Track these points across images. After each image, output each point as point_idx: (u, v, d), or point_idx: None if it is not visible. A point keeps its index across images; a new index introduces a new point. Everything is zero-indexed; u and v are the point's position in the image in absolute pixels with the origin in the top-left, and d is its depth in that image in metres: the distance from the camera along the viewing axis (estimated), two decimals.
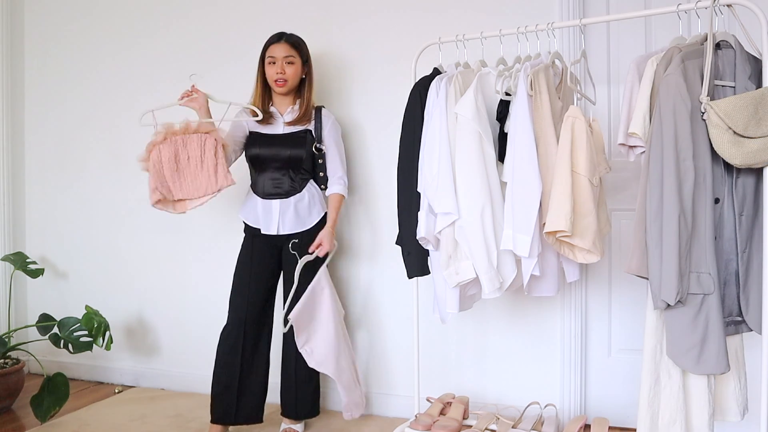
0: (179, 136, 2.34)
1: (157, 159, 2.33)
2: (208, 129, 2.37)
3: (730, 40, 1.78)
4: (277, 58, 2.46)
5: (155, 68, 3.26)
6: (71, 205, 3.45)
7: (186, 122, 2.36)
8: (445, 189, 1.98)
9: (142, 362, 3.32)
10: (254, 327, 2.48)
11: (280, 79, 2.47)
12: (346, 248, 2.93)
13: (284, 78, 2.47)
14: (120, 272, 3.36)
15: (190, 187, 2.36)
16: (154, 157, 2.33)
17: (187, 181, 2.35)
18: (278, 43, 2.48)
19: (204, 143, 2.33)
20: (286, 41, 2.49)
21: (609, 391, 2.63)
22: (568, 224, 1.82)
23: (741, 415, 1.88)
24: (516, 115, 1.94)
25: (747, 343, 1.97)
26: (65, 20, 3.45)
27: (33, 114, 3.54)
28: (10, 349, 2.97)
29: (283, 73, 2.46)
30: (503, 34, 2.15)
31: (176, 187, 2.35)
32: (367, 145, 2.87)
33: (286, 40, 2.49)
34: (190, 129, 2.35)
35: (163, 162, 2.32)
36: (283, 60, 2.46)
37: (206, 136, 2.35)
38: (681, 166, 1.67)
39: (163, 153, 2.32)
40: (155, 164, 2.33)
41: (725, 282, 1.79)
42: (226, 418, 2.47)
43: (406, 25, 2.79)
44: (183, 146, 2.33)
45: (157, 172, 2.33)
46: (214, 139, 2.36)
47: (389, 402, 2.84)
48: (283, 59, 2.46)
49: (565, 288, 2.59)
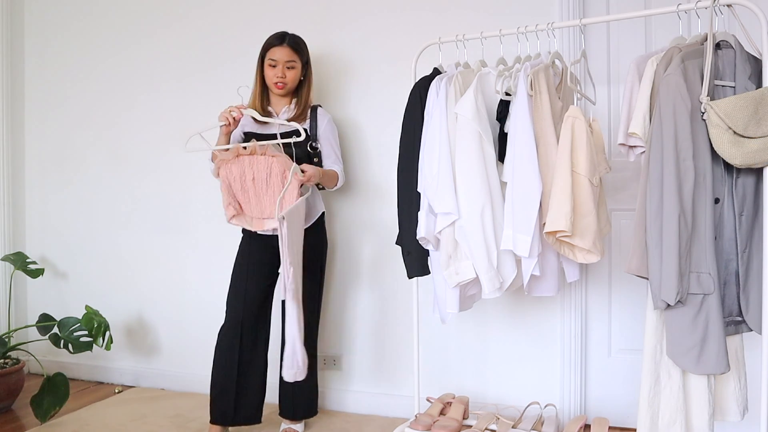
0: (246, 157, 2.33)
1: (225, 176, 2.36)
2: (275, 153, 2.32)
3: (730, 40, 1.78)
4: (278, 61, 2.45)
5: (155, 68, 3.26)
6: (71, 205, 3.46)
7: (253, 145, 2.32)
8: (445, 189, 1.98)
9: (142, 362, 3.32)
10: (252, 327, 2.48)
11: (280, 83, 2.46)
12: (346, 248, 2.93)
13: (284, 82, 2.46)
14: (120, 272, 3.36)
15: (255, 208, 2.38)
16: (223, 174, 2.36)
17: (252, 202, 2.37)
18: (280, 46, 2.45)
19: (270, 166, 2.32)
20: (288, 45, 2.46)
21: (609, 391, 2.63)
22: (568, 224, 1.82)
23: (741, 415, 1.88)
24: (516, 115, 1.94)
25: (747, 343, 1.97)
26: (65, 20, 3.45)
27: (33, 114, 3.54)
28: (10, 349, 2.97)
29: (284, 77, 2.45)
30: (503, 34, 2.15)
31: (246, 205, 2.39)
32: (367, 145, 2.87)
33: (288, 43, 2.46)
34: (257, 151, 2.32)
35: (231, 180, 2.35)
36: (284, 64, 2.45)
37: (273, 159, 2.31)
38: (681, 166, 1.67)
39: (232, 170, 2.35)
40: (224, 180, 2.36)
41: (725, 282, 1.79)
42: (225, 419, 2.47)
43: (406, 25, 2.79)
44: (249, 167, 2.33)
45: (227, 188, 2.37)
46: (281, 164, 2.31)
47: (389, 402, 2.84)
48: (285, 63, 2.45)
49: (565, 288, 2.59)
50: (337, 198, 2.91)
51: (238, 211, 2.40)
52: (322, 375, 2.92)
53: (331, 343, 2.95)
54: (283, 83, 2.46)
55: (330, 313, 2.95)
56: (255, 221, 2.42)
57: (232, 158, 2.34)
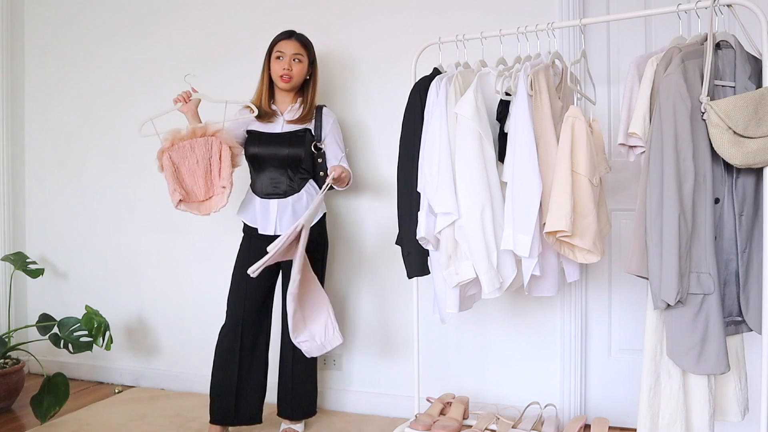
0: (187, 141, 2.37)
1: (168, 163, 2.37)
2: (215, 131, 2.39)
3: (730, 40, 1.78)
4: (285, 54, 2.47)
5: (155, 68, 3.26)
6: (71, 205, 3.45)
7: (192, 127, 2.38)
8: (445, 189, 1.98)
9: (142, 362, 3.32)
10: (252, 327, 2.48)
11: (285, 75, 2.46)
12: (347, 248, 2.93)
13: (290, 74, 2.46)
14: (120, 272, 3.36)
15: (202, 189, 2.40)
16: (165, 162, 2.37)
17: (199, 183, 2.39)
18: (288, 39, 2.49)
19: (210, 146, 2.37)
20: (296, 39, 2.50)
21: (609, 391, 2.63)
22: (569, 224, 1.82)
23: (741, 415, 1.88)
24: (516, 115, 1.94)
25: (747, 343, 1.97)
26: (65, 20, 3.45)
27: (33, 114, 3.54)
28: (10, 349, 2.97)
29: (290, 69, 2.46)
30: (503, 34, 2.15)
31: (191, 189, 2.40)
32: (367, 144, 2.87)
33: (296, 38, 2.50)
34: (197, 133, 2.38)
35: (174, 165, 2.37)
36: (291, 57, 2.46)
37: (212, 138, 2.38)
38: (681, 166, 1.67)
39: (174, 157, 2.37)
40: (168, 168, 2.37)
41: (725, 282, 1.79)
42: (225, 419, 2.47)
43: (406, 25, 2.79)
44: (191, 150, 2.36)
45: (171, 175, 2.37)
46: (219, 141, 2.38)
47: (389, 402, 2.84)
48: (292, 56, 2.46)
49: (565, 288, 2.59)
50: (337, 198, 2.91)
51: (184, 196, 2.38)
52: (322, 375, 2.92)
53: None
54: (289, 76, 2.46)
55: None
56: (202, 206, 2.42)
57: (168, 146, 2.37)
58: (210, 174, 2.39)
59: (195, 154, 2.36)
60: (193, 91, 2.49)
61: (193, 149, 2.37)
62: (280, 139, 2.48)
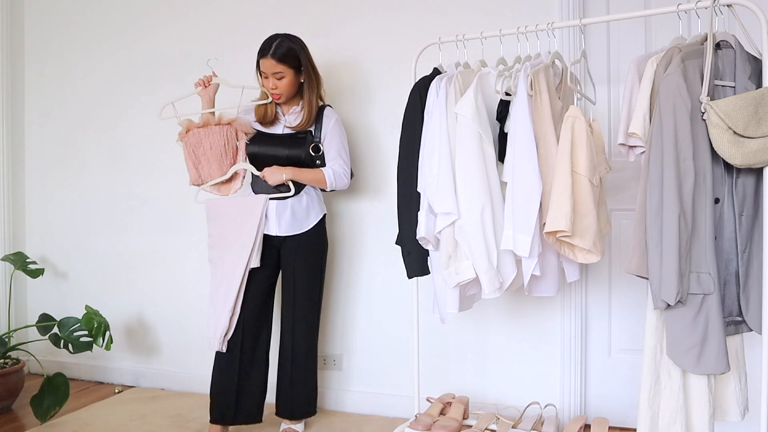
0: (202, 129, 2.45)
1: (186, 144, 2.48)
2: (230, 120, 2.47)
3: (730, 40, 1.78)
4: (267, 73, 2.43)
5: (155, 68, 3.26)
6: (71, 205, 3.45)
7: (205, 117, 2.47)
8: (445, 189, 1.98)
9: (142, 362, 3.32)
10: (253, 327, 2.48)
11: (274, 93, 2.46)
12: (347, 248, 2.93)
13: (278, 93, 2.45)
14: (120, 272, 3.36)
15: (216, 174, 2.48)
16: (184, 144, 2.49)
17: (213, 168, 2.48)
18: (264, 58, 2.40)
19: (225, 133, 2.45)
20: (272, 56, 2.38)
21: (609, 391, 2.63)
22: (569, 224, 1.82)
23: (741, 415, 1.88)
24: (516, 115, 1.94)
25: (747, 343, 1.97)
26: (65, 20, 3.45)
27: (33, 114, 3.54)
28: (10, 349, 2.97)
29: (276, 87, 2.44)
30: (503, 34, 2.15)
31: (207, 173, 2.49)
32: (367, 144, 2.87)
33: (272, 54, 2.38)
34: (211, 122, 2.46)
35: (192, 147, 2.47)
36: (272, 76, 2.42)
37: (227, 126, 2.46)
38: (681, 166, 1.67)
39: (189, 143, 2.47)
40: (186, 148, 2.48)
41: (725, 282, 1.79)
42: (225, 418, 2.47)
43: (406, 25, 2.79)
44: (206, 137, 2.45)
45: (189, 155, 2.48)
46: (234, 129, 2.47)
47: (389, 402, 2.84)
48: (272, 75, 2.42)
49: (565, 288, 2.59)
50: (337, 198, 2.91)
51: (196, 179, 2.50)
52: (322, 375, 2.92)
53: (331, 343, 2.95)
54: (278, 94, 2.46)
55: (330, 313, 2.94)
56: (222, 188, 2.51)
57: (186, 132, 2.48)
58: (224, 159, 2.46)
59: (209, 140, 2.44)
60: (214, 76, 2.53)
61: (207, 136, 2.44)
62: (281, 140, 2.48)
